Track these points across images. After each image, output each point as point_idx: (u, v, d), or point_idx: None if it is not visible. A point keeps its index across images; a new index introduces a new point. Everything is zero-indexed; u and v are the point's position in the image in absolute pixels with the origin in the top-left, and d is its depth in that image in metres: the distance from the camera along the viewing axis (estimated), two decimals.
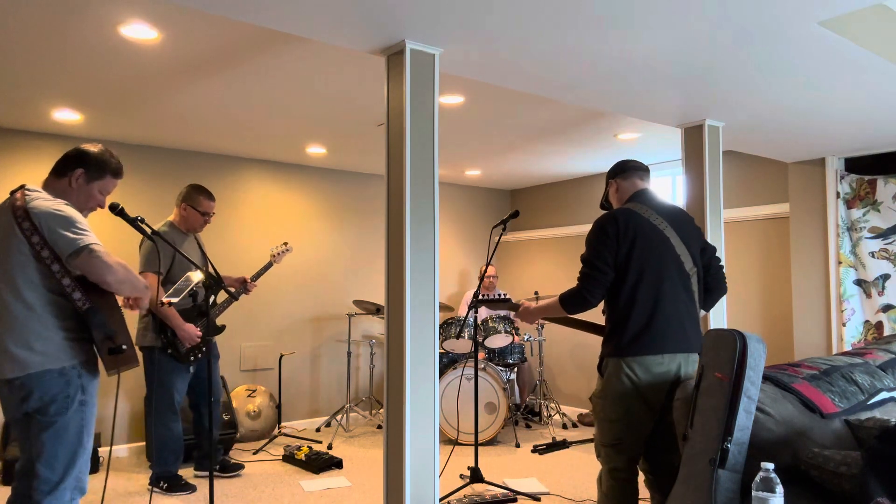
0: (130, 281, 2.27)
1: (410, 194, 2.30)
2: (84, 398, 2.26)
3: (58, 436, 2.21)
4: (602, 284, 2.48)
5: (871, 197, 4.21)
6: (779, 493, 1.65)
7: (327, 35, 2.30)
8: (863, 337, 4.23)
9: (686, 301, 2.51)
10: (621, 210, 2.55)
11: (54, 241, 2.17)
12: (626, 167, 2.72)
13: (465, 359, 5.23)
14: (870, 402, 2.41)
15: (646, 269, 2.47)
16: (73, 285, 2.20)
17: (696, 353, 2.51)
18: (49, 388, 2.19)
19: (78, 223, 2.22)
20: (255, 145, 4.88)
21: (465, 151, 5.07)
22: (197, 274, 2.77)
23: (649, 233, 2.50)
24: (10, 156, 4.36)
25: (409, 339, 2.27)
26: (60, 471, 2.20)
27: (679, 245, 2.55)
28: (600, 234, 2.50)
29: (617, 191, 2.74)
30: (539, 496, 3.73)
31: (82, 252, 2.17)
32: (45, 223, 2.17)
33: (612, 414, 2.47)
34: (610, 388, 2.46)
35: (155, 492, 3.80)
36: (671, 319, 2.45)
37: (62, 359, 2.21)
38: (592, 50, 2.49)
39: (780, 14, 2.19)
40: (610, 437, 2.50)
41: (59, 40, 2.85)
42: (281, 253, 4.30)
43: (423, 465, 2.27)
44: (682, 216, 2.63)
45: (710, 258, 2.70)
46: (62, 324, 2.22)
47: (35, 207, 2.19)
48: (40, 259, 2.18)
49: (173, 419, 3.84)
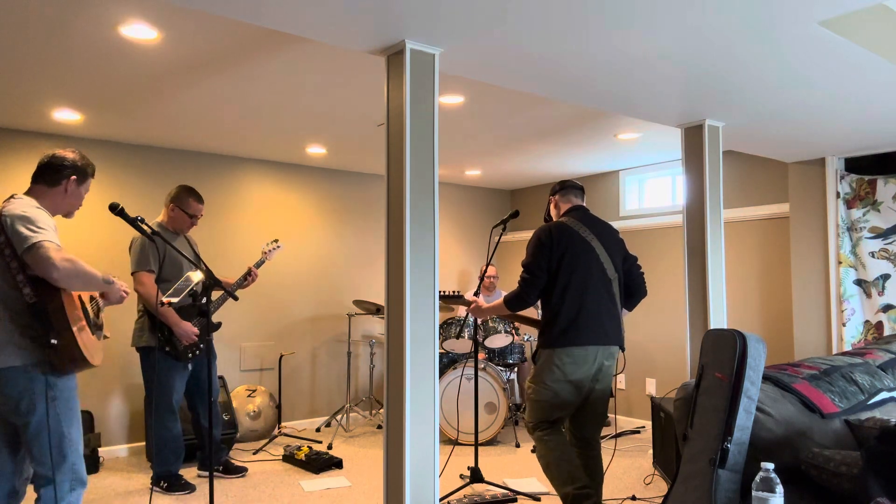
0: (80, 276, 2.31)
1: (410, 194, 2.30)
2: (54, 394, 2.31)
3: (37, 434, 2.30)
4: (537, 287, 2.97)
5: (871, 197, 4.21)
6: (779, 493, 1.65)
7: (327, 35, 2.30)
8: (863, 337, 4.23)
9: (607, 302, 3.00)
10: (556, 224, 3.04)
11: (13, 238, 2.28)
12: (564, 187, 3.25)
13: (465, 359, 5.23)
14: (870, 402, 2.41)
15: (574, 274, 2.95)
16: (24, 281, 2.29)
17: (614, 346, 3.01)
18: (13, 385, 2.27)
19: (37, 222, 2.30)
20: (255, 145, 4.88)
21: (465, 151, 5.07)
22: (197, 274, 2.78)
23: (578, 243, 2.99)
24: (10, 156, 4.36)
25: (409, 339, 2.27)
26: (50, 466, 2.29)
27: (603, 254, 3.03)
28: (537, 244, 2.99)
29: (555, 206, 3.27)
30: (539, 496, 3.73)
31: (32, 248, 2.25)
32: (9, 223, 2.28)
33: (542, 395, 2.97)
34: (542, 374, 2.96)
35: (155, 491, 3.81)
36: (592, 317, 2.94)
37: (22, 356, 2.27)
38: (592, 50, 2.49)
39: (781, 14, 2.19)
40: (541, 415, 2.99)
41: (58, 40, 2.85)
42: (271, 250, 4.28)
43: (423, 465, 2.27)
44: (606, 230, 3.12)
45: (631, 265, 3.17)
46: (21, 320, 2.29)
47: (7, 210, 2.31)
48: (3, 256, 2.29)
49: (172, 419, 3.84)
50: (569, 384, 2.93)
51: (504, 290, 6.70)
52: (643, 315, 5.51)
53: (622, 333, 3.07)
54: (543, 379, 2.96)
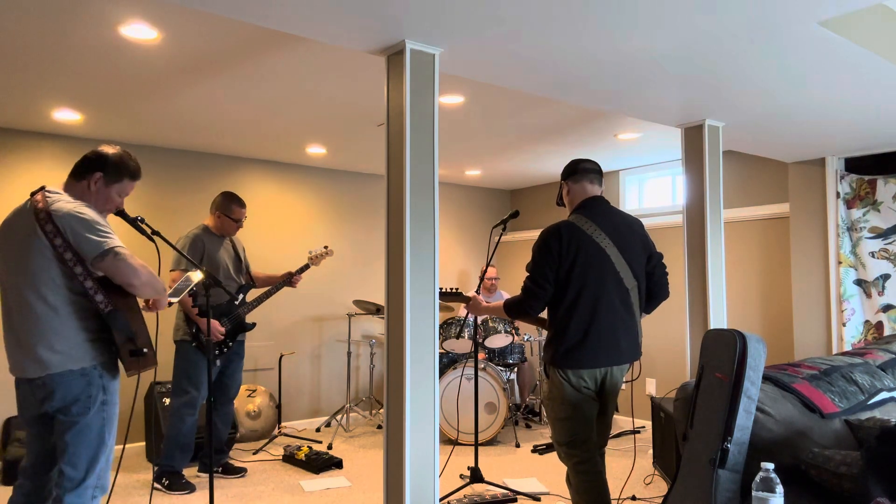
0: (152, 283, 2.30)
1: (410, 194, 2.30)
2: (105, 398, 2.28)
3: (80, 435, 2.24)
4: (542, 300, 2.66)
5: (871, 197, 4.21)
6: (779, 493, 1.65)
7: (327, 35, 2.30)
8: (863, 337, 4.23)
9: (623, 314, 2.67)
10: (566, 225, 2.67)
11: (78, 244, 2.18)
12: (577, 169, 2.80)
13: (465, 359, 5.23)
14: (870, 402, 2.41)
15: (585, 286, 2.61)
16: (95, 287, 2.22)
17: (628, 363, 2.70)
18: (71, 388, 2.21)
19: (101, 226, 2.24)
20: (255, 145, 4.88)
21: (465, 151, 5.07)
22: (197, 274, 2.78)
23: (590, 250, 2.63)
24: (10, 156, 4.36)
25: (409, 339, 2.27)
26: (83, 469, 2.24)
27: (619, 261, 2.67)
28: (544, 248, 2.65)
29: (568, 193, 2.84)
30: (539, 496, 3.73)
31: (108, 255, 2.19)
32: (68, 225, 2.18)
33: (562, 413, 2.65)
34: (556, 391, 2.66)
35: (156, 489, 3.81)
36: (605, 335, 2.62)
37: (83, 359, 2.22)
38: (593, 50, 2.49)
39: (780, 14, 2.19)
40: (565, 434, 2.67)
41: (58, 40, 2.85)
42: (319, 256, 4.38)
43: (423, 465, 2.27)
44: (625, 228, 2.73)
45: (655, 265, 2.81)
46: (83, 324, 2.24)
47: (58, 210, 2.20)
48: (63, 261, 2.19)
49: (189, 412, 3.90)
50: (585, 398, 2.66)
51: (504, 291, 6.70)
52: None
53: (639, 345, 2.76)
54: (559, 396, 2.67)
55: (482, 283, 4.09)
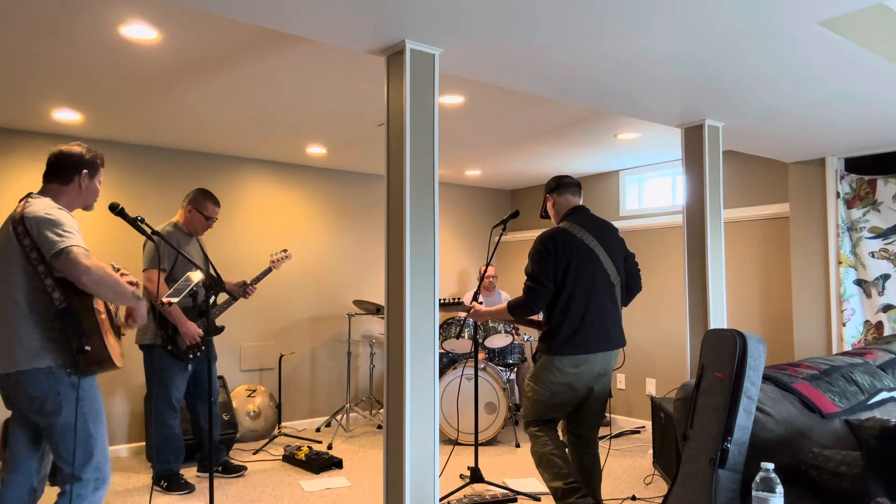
0: (108, 284, 2.30)
1: (410, 194, 2.30)
2: (81, 394, 2.32)
3: (62, 434, 2.31)
4: (544, 297, 2.97)
5: (871, 197, 4.21)
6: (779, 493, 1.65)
7: (327, 35, 2.30)
8: (863, 337, 4.23)
9: (611, 307, 3.04)
10: (559, 231, 3.02)
11: (40, 243, 2.28)
12: (561, 184, 3.20)
13: (465, 359, 5.23)
14: (870, 402, 2.42)
15: (578, 283, 2.97)
16: (53, 285, 2.30)
17: (617, 349, 3.07)
18: (38, 386, 2.28)
19: (64, 226, 2.30)
20: (255, 145, 4.88)
21: (465, 151, 5.07)
22: (197, 274, 2.78)
23: (582, 251, 3.00)
24: (10, 156, 4.36)
25: (409, 339, 2.27)
26: (76, 464, 2.31)
27: (606, 260, 3.05)
28: (543, 252, 2.98)
29: (553, 206, 3.24)
30: (539, 496, 3.73)
31: (62, 254, 2.25)
32: (34, 226, 2.28)
33: (540, 395, 3.02)
34: (542, 374, 3.00)
35: (155, 490, 3.81)
36: (596, 325, 2.97)
37: (47, 358, 2.29)
38: (593, 50, 2.49)
39: (781, 14, 2.19)
40: (536, 413, 3.06)
41: (58, 40, 2.85)
42: (280, 259, 4.35)
43: (423, 465, 2.27)
44: (607, 232, 3.11)
45: (631, 264, 3.20)
46: (47, 323, 2.30)
47: (29, 213, 2.31)
48: (29, 260, 2.29)
49: (172, 417, 3.86)
50: (568, 387, 2.99)
51: (503, 289, 6.70)
52: (643, 315, 5.51)
53: (623, 333, 3.13)
54: (543, 379, 3.00)
55: (482, 282, 4.10)
